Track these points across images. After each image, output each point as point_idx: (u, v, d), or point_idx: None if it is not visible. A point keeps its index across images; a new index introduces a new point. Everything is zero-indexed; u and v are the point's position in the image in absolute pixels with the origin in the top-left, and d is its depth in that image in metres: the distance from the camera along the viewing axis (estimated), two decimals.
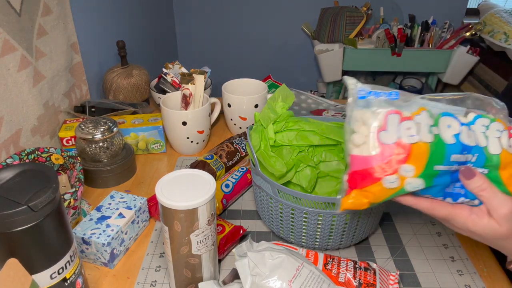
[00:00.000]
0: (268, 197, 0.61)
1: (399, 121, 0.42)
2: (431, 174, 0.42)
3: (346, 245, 0.63)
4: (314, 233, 0.60)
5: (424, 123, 0.42)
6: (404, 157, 0.41)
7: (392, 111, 0.42)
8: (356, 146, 0.43)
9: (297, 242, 0.63)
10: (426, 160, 0.41)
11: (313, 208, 0.57)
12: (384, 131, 0.42)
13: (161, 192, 0.48)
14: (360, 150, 0.43)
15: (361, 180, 0.43)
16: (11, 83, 0.71)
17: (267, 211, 0.64)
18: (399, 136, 0.42)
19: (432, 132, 0.42)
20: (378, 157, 0.42)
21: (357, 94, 0.45)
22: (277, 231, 0.64)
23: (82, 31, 0.99)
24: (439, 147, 0.41)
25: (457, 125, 0.43)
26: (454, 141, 0.42)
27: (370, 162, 0.42)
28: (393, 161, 0.41)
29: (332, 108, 1.05)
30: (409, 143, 0.41)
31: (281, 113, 0.69)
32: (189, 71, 0.96)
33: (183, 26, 2.28)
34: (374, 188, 0.43)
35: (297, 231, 0.61)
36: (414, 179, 0.41)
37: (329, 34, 1.99)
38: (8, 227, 0.41)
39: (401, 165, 0.41)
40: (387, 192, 0.43)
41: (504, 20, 1.87)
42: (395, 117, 0.42)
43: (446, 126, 0.42)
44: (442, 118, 0.43)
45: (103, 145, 0.76)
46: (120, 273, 0.60)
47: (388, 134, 0.42)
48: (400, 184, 0.42)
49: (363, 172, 0.43)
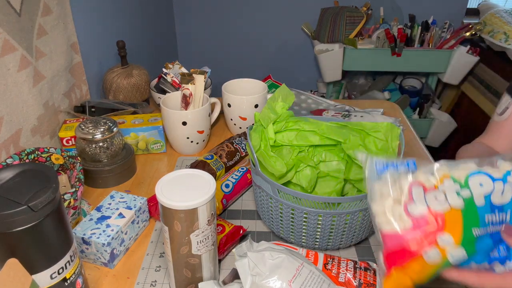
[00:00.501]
0: (268, 197, 0.61)
1: (423, 192, 0.41)
2: (471, 240, 0.39)
3: (346, 245, 0.63)
4: (314, 233, 0.60)
5: (450, 190, 0.40)
6: (439, 227, 0.39)
7: (415, 183, 0.41)
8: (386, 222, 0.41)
9: (297, 242, 0.63)
10: (462, 226, 0.39)
11: (313, 208, 0.57)
12: (411, 203, 0.41)
13: (161, 192, 0.48)
14: (391, 226, 0.41)
15: (399, 258, 0.40)
16: (11, 83, 0.71)
17: (267, 211, 0.64)
18: (428, 206, 0.40)
19: (461, 196, 0.40)
20: (411, 231, 0.40)
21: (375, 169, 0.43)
22: (277, 231, 0.64)
23: (82, 31, 0.99)
24: (471, 211, 0.40)
25: (489, 182, 0.41)
26: (483, 203, 0.40)
27: (405, 238, 0.40)
28: (428, 233, 0.39)
29: (332, 108, 1.05)
30: (440, 212, 0.40)
31: (281, 113, 0.69)
32: (189, 71, 0.96)
33: (183, 26, 2.28)
34: (415, 264, 0.40)
35: (297, 231, 0.61)
36: (455, 249, 0.39)
37: (329, 34, 1.99)
38: (8, 227, 0.41)
39: (437, 235, 0.39)
40: (430, 268, 0.40)
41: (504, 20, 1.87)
42: (419, 189, 0.41)
43: (478, 185, 0.41)
44: (471, 178, 0.41)
45: (103, 145, 0.76)
46: (120, 273, 0.60)
47: (416, 206, 0.40)
48: (442, 256, 0.39)
49: (399, 248, 0.40)
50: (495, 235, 0.41)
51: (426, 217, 0.40)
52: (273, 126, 0.69)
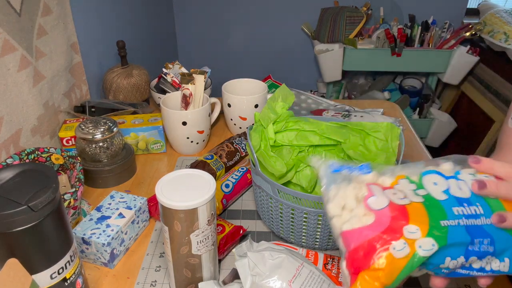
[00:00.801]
0: (268, 197, 0.61)
1: (381, 190, 0.40)
2: (440, 230, 0.37)
3: None
4: (314, 233, 0.60)
5: (407, 189, 0.40)
6: (404, 218, 0.37)
7: (371, 183, 0.40)
8: (344, 221, 0.39)
9: (297, 242, 0.63)
10: (428, 217, 0.37)
11: (313, 208, 0.57)
12: (372, 196, 0.39)
13: (161, 192, 0.48)
14: (351, 224, 0.38)
15: (364, 258, 0.36)
16: (11, 83, 0.71)
17: (267, 211, 0.64)
18: (390, 199, 0.38)
19: (418, 195, 0.39)
20: (374, 225, 0.37)
21: (329, 168, 0.42)
22: (277, 231, 0.64)
23: (82, 31, 0.99)
24: (433, 204, 0.38)
25: (443, 181, 0.40)
26: (446, 197, 0.39)
27: (368, 233, 0.37)
28: (393, 225, 0.36)
29: (332, 108, 1.05)
30: (402, 204, 0.38)
31: (281, 113, 0.69)
32: (189, 71, 0.96)
33: (183, 26, 2.28)
34: (382, 263, 0.36)
35: (297, 231, 0.61)
36: (423, 239, 0.36)
37: (329, 34, 1.99)
38: (8, 227, 0.41)
39: (403, 227, 0.36)
40: (399, 264, 0.36)
41: (504, 20, 1.87)
42: (377, 186, 0.40)
43: (432, 184, 0.40)
44: (425, 177, 0.41)
45: (103, 145, 0.76)
46: (120, 273, 0.60)
47: (377, 200, 0.38)
48: (411, 249, 0.36)
49: (363, 247, 0.37)
50: (474, 228, 0.38)
51: (389, 209, 0.37)
52: (273, 126, 0.69)
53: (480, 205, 0.39)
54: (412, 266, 0.36)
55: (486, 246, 0.38)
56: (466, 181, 0.41)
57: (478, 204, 0.39)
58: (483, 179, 0.40)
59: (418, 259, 0.36)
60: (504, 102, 1.78)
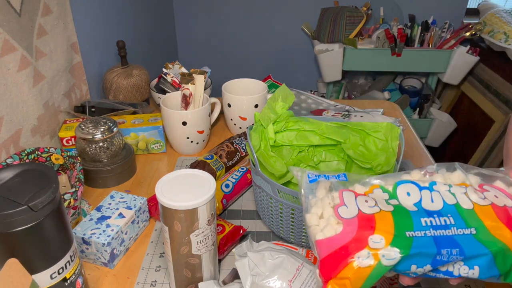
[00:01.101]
0: (268, 197, 0.61)
1: (354, 197, 0.41)
2: (404, 241, 0.38)
3: None
4: None
5: (379, 198, 0.41)
6: (370, 228, 0.38)
7: (345, 189, 0.41)
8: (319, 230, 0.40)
9: (297, 242, 0.63)
10: (393, 227, 0.38)
11: None
12: (342, 206, 0.40)
13: (161, 192, 0.48)
14: (324, 234, 0.39)
15: (334, 266, 0.38)
16: (11, 83, 0.71)
17: (267, 211, 0.64)
18: (359, 209, 0.39)
19: (389, 204, 0.40)
20: (343, 234, 0.38)
21: (306, 179, 0.43)
22: (277, 231, 0.64)
23: (82, 31, 0.99)
24: (402, 214, 0.39)
25: (417, 191, 0.41)
26: (415, 209, 0.40)
27: (337, 242, 0.38)
28: (359, 235, 0.38)
29: (332, 108, 1.05)
30: (371, 213, 0.39)
31: (281, 113, 0.69)
32: (189, 71, 0.96)
33: (183, 26, 2.28)
34: (349, 271, 0.37)
35: (297, 231, 0.61)
36: (387, 249, 0.37)
37: (329, 34, 1.99)
38: (8, 227, 0.41)
39: (369, 236, 0.38)
40: (364, 273, 0.37)
41: (504, 20, 1.87)
42: (350, 193, 0.41)
43: (405, 194, 0.41)
44: (399, 187, 0.42)
45: (103, 145, 0.76)
46: (120, 273, 0.60)
47: (347, 209, 0.40)
48: (375, 258, 0.37)
49: (332, 255, 0.38)
50: (443, 238, 0.38)
51: (357, 219, 0.39)
52: (273, 126, 0.69)
53: (452, 215, 0.40)
54: (377, 275, 0.37)
55: (455, 256, 0.38)
56: (441, 192, 0.41)
57: (449, 215, 0.40)
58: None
59: (382, 269, 0.37)
60: (504, 102, 1.78)
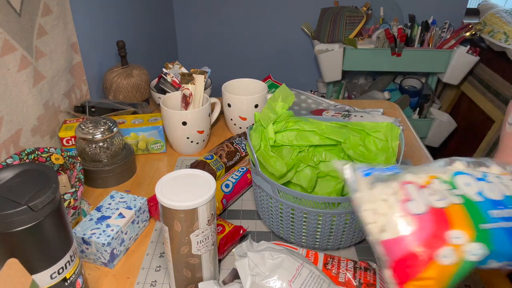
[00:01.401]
0: (268, 197, 0.61)
1: (417, 189, 0.37)
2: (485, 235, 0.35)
3: (346, 245, 0.63)
4: (314, 233, 0.60)
5: (442, 188, 0.37)
6: (445, 223, 0.35)
7: (406, 182, 0.38)
8: (380, 229, 0.36)
9: (297, 242, 0.63)
10: (469, 220, 0.35)
11: (313, 208, 0.57)
12: (410, 201, 0.36)
13: (161, 192, 0.48)
14: (391, 233, 0.36)
15: (411, 267, 0.35)
16: (11, 83, 0.71)
17: (267, 211, 0.64)
18: (429, 203, 0.36)
19: (457, 195, 0.37)
20: (417, 232, 0.35)
21: (358, 172, 0.40)
22: (277, 231, 0.64)
23: (82, 31, 0.99)
24: (471, 207, 0.37)
25: (475, 182, 0.38)
26: (481, 199, 0.37)
27: (411, 241, 0.35)
28: (436, 232, 0.35)
29: (332, 108, 1.05)
30: (442, 207, 0.36)
31: (281, 113, 0.69)
32: (189, 71, 0.96)
33: (183, 26, 2.28)
34: (431, 272, 0.34)
35: (297, 231, 0.61)
36: (471, 244, 0.35)
37: (329, 34, 1.99)
38: (8, 227, 0.41)
39: (447, 232, 0.35)
40: (449, 271, 0.34)
41: (504, 20, 1.87)
42: (412, 186, 0.37)
43: (465, 185, 0.38)
44: (456, 178, 0.39)
45: (103, 145, 0.76)
46: (120, 273, 0.60)
47: (416, 203, 0.36)
48: (459, 255, 0.34)
49: (409, 256, 0.35)
50: None
51: (429, 214, 0.35)
52: (273, 126, 0.69)
53: None
54: (464, 272, 0.35)
55: None
56: (495, 183, 0.39)
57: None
58: None
59: (468, 265, 0.35)
60: (504, 102, 1.78)
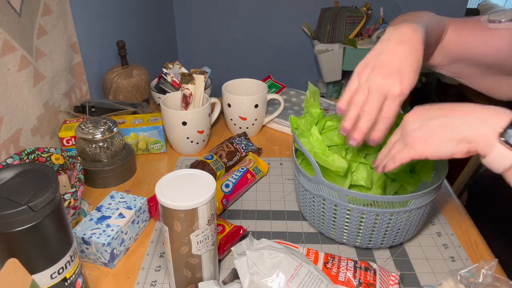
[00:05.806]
0: (332, 204, 0.60)
1: None
2: None
3: (381, 245, 0.63)
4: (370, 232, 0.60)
5: None
6: None
7: None
8: None
9: (338, 239, 0.63)
10: None
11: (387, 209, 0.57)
12: None
13: (161, 192, 0.48)
14: None
15: None
16: (11, 83, 0.71)
17: (328, 217, 0.62)
18: None
19: None
20: None
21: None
22: (327, 232, 0.64)
23: (82, 31, 0.99)
24: None
25: None
26: None
27: None
28: None
29: (332, 108, 1.05)
30: None
31: (316, 114, 0.67)
32: (189, 71, 0.96)
33: (183, 26, 2.28)
34: None
35: (352, 231, 0.61)
36: None
37: (329, 34, 1.99)
38: (8, 227, 0.41)
39: None
40: None
41: None
42: None
43: None
44: None
45: (103, 145, 0.77)
46: (120, 273, 0.60)
47: None
48: None
49: None
50: None
51: None
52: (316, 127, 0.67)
53: None
54: None
55: None
56: None
57: None
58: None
59: None
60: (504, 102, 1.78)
